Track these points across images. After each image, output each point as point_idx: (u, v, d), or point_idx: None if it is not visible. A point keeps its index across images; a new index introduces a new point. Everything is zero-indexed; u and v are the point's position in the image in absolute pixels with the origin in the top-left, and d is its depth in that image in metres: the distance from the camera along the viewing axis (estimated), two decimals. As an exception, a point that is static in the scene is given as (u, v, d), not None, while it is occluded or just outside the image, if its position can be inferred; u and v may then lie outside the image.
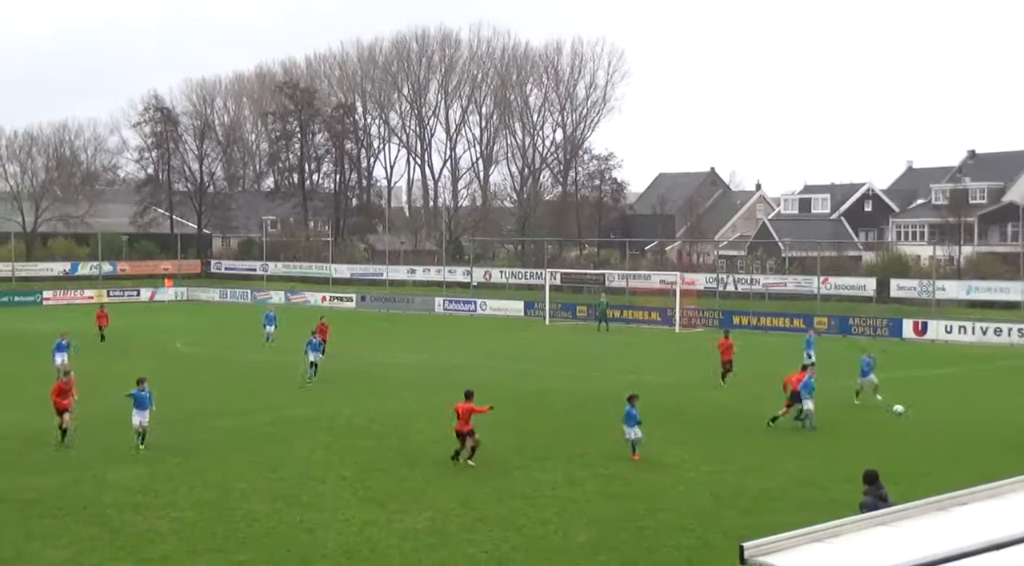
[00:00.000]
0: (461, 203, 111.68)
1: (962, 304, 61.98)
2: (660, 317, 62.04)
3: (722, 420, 30.19)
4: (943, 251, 74.82)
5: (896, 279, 65.77)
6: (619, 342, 53.40)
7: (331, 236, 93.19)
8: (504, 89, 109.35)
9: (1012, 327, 52.35)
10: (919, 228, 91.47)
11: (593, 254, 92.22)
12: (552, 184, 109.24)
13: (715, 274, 73.14)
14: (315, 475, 22.95)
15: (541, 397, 34.41)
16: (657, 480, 22.63)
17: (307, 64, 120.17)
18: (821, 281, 66.04)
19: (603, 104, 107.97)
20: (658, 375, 40.21)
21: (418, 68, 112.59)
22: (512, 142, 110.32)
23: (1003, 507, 9.09)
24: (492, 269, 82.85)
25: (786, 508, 20.07)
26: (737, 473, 23.35)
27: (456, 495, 21.19)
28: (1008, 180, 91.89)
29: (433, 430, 28.08)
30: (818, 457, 25.11)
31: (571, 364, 43.69)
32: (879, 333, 55.02)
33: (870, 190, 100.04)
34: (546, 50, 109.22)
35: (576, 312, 65.67)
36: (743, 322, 59.62)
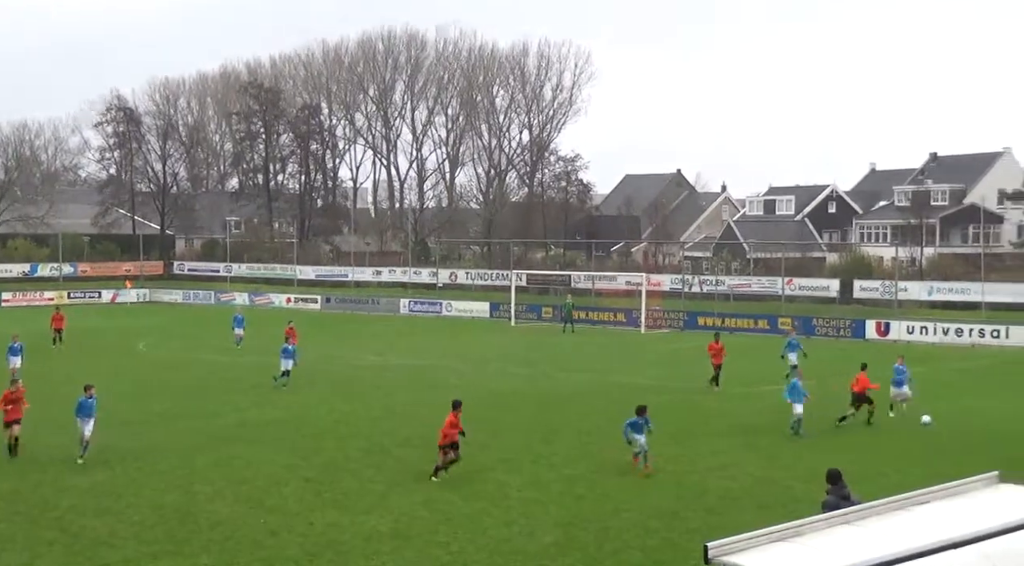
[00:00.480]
0: (427, 204, 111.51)
1: (924, 305, 62.51)
2: (626, 318, 62.17)
3: (687, 420, 30.26)
4: (905, 252, 75.46)
5: (859, 280, 66.24)
6: (585, 343, 53.45)
7: (296, 237, 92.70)
8: (470, 90, 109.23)
9: (973, 328, 52.86)
10: (882, 229, 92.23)
11: (559, 255, 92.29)
12: (518, 185, 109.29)
13: (680, 275, 73.34)
14: (279, 477, 22.80)
15: (506, 398, 34.38)
16: (622, 481, 22.65)
17: (272, 64, 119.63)
18: (785, 282, 66.41)
19: (569, 106, 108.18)
20: (623, 376, 40.28)
21: (384, 69, 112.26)
22: (478, 143, 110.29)
23: (962, 506, 9.15)
24: (458, 270, 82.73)
25: (750, 508, 20.14)
26: (701, 473, 23.42)
27: (421, 497, 21.12)
28: (969, 182, 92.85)
29: (398, 432, 28.02)
30: (781, 457, 25.23)
31: (537, 365, 43.68)
32: (842, 334, 55.39)
33: (834, 192, 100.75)
34: (512, 51, 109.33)
35: (542, 313, 65.67)
36: (708, 323, 59.79)
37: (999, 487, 9.80)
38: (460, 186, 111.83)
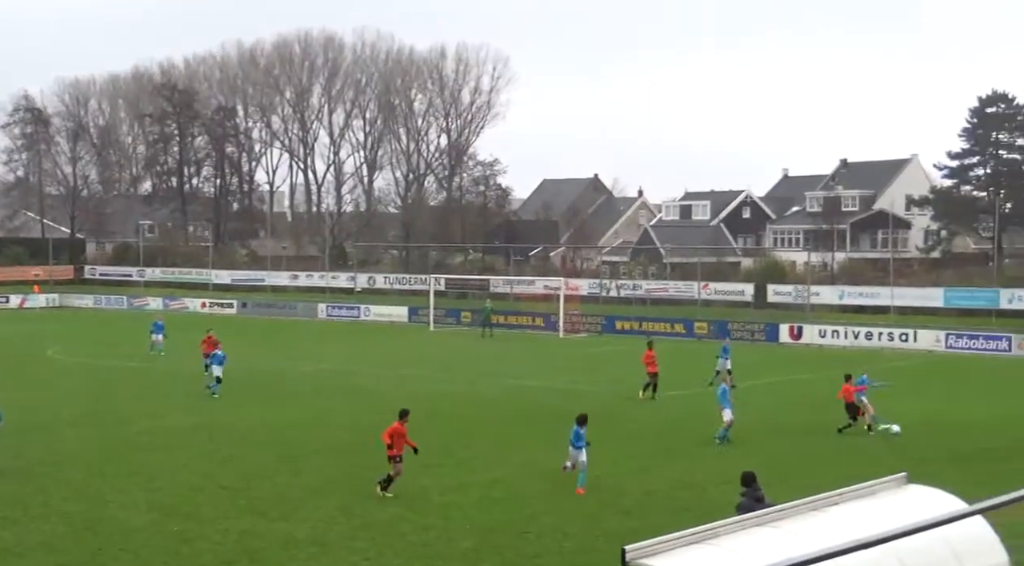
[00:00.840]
0: (345, 208, 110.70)
1: (835, 309, 63.71)
2: (544, 322, 62.38)
3: (604, 424, 30.43)
4: (817, 257, 76.85)
5: (773, 284, 67.30)
6: (503, 348, 53.53)
7: (211, 241, 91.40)
8: (388, 94, 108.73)
9: (882, 331, 54.02)
10: (795, 235, 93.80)
11: (478, 260, 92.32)
12: (437, 190, 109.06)
13: (598, 280, 73.84)
14: (194, 484, 22.45)
15: (425, 403, 34.20)
16: (540, 485, 22.71)
17: (186, 66, 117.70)
18: (701, 286, 67.21)
19: (488, 110, 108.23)
20: (542, 380, 40.42)
21: (301, 71, 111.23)
22: (397, 147, 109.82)
23: (872, 506, 9.35)
24: (376, 275, 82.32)
25: (667, 510, 20.33)
26: (619, 476, 23.57)
27: (338, 503, 20.95)
28: (878, 188, 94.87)
29: (315, 438, 27.78)
30: (698, 460, 25.51)
31: (455, 370, 43.63)
32: (756, 338, 56.22)
33: (748, 197, 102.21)
34: (430, 55, 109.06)
35: (460, 318, 65.63)
36: (625, 327, 60.34)
37: (907, 487, 10.04)
38: (378, 190, 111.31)
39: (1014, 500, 6.63)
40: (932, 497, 9.82)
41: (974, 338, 51.87)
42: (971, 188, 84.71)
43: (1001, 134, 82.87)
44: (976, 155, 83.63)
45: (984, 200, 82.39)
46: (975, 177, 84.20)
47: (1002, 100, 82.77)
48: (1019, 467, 23.22)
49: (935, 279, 67.07)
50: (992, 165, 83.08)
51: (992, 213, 77.07)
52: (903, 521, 6.63)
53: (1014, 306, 57.89)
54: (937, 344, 51.97)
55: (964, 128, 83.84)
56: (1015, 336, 50.91)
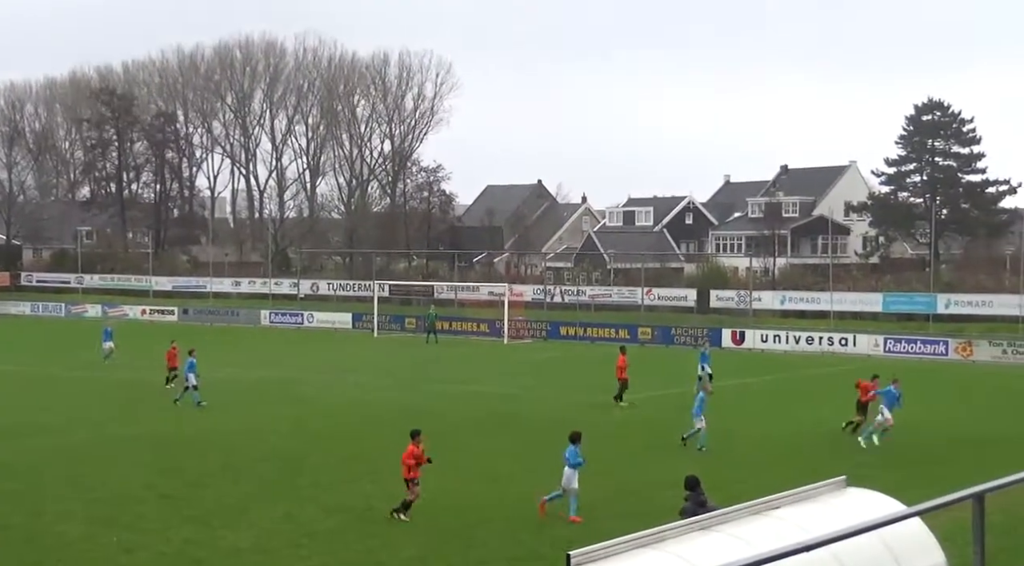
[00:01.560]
0: (288, 214, 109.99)
1: (776, 314, 64.43)
2: (489, 329, 62.42)
3: (551, 430, 30.49)
4: (759, 263, 77.69)
5: (715, 290, 67.88)
6: (448, 353, 53.48)
7: (151, 247, 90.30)
8: (331, 99, 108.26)
9: (823, 336, 54.72)
10: (737, 240, 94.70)
11: (422, 266, 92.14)
12: (380, 196, 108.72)
13: (542, 286, 74.05)
14: (135, 494, 22.16)
15: (370, 409, 34.15)
16: (487, 491, 22.72)
17: (125, 70, 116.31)
18: (645, 292, 67.62)
19: (431, 116, 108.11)
20: (487, 386, 40.44)
21: (242, 77, 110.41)
22: (339, 153, 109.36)
23: (813, 510, 9.48)
24: (320, 281, 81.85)
25: (613, 516, 20.41)
26: (564, 482, 23.61)
27: (282, 511, 20.80)
28: (818, 194, 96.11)
29: (259, 446, 27.55)
30: (643, 465, 25.66)
31: (400, 376, 43.51)
32: (699, 343, 56.58)
33: (691, 203, 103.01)
34: (373, 61, 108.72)
35: (405, 324, 65.47)
36: (569, 333, 60.56)
37: (847, 491, 10.19)
38: (321, 196, 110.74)
39: (950, 502, 6.76)
40: (871, 500, 9.98)
41: (912, 342, 52.73)
42: (908, 195, 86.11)
43: (937, 141, 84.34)
44: (913, 162, 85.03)
45: (921, 206, 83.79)
46: (912, 184, 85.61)
47: (937, 108, 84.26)
48: (955, 469, 23.64)
49: (874, 284, 68.08)
50: (928, 172, 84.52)
51: (928, 219, 78.38)
52: (843, 524, 6.75)
53: (950, 311, 58.93)
54: (876, 348, 52.74)
55: (901, 135, 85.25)
56: (952, 340, 51.83)
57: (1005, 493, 7.47)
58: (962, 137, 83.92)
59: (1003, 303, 57.97)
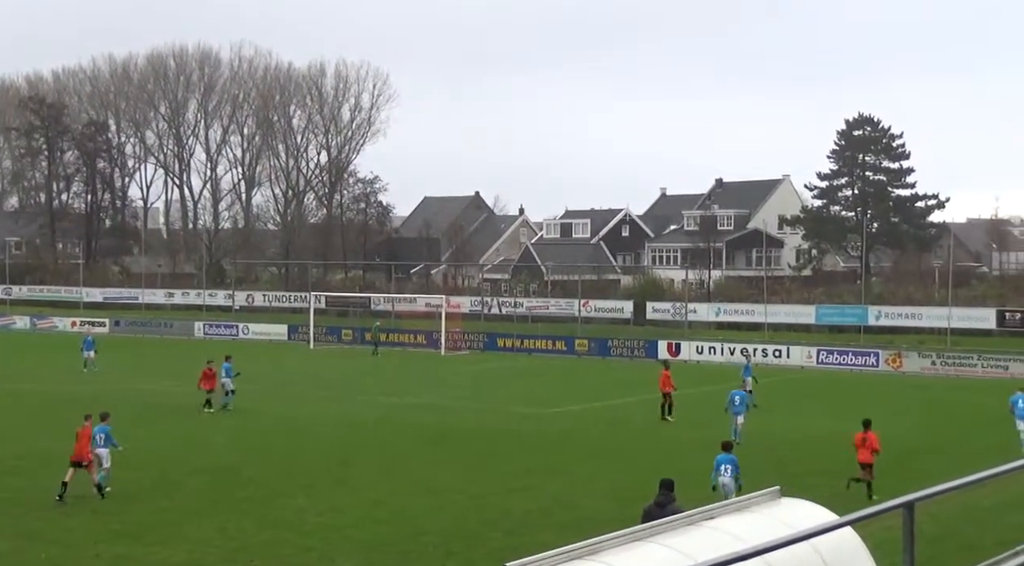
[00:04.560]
0: (222, 225, 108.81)
1: (712, 326, 65.00)
2: (426, 340, 62.24)
3: (487, 442, 30.51)
4: (695, 275, 78.36)
5: (652, 302, 68.31)
6: (385, 366, 53.23)
7: (82, 259, 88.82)
8: (266, 110, 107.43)
9: (757, 347, 55.27)
10: (673, 252, 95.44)
11: (358, 277, 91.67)
12: (317, 207, 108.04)
13: (480, 297, 74.02)
14: (64, 509, 21.74)
15: (304, 422, 33.87)
16: (423, 504, 22.61)
17: (55, 79, 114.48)
18: (582, 304, 67.87)
19: (368, 127, 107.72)
20: (423, 397, 40.30)
21: (176, 86, 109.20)
22: (275, 164, 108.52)
23: (748, 520, 9.56)
24: (255, 292, 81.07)
25: (550, 528, 20.42)
26: (502, 495, 23.60)
27: (216, 524, 20.54)
28: (753, 208, 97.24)
29: (193, 459, 27.18)
30: (580, 477, 25.71)
31: (336, 388, 43.21)
32: (636, 354, 56.98)
33: (627, 216, 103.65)
34: (309, 71, 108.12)
35: (341, 336, 65.08)
36: (507, 344, 60.58)
37: (780, 501, 10.28)
38: (257, 207, 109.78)
39: (881, 511, 6.86)
40: (804, 510, 10.08)
41: (844, 354, 53.46)
42: (840, 208, 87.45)
43: (867, 156, 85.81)
44: (844, 176, 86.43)
45: (852, 220, 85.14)
46: (843, 198, 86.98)
47: (868, 123, 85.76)
48: (885, 479, 23.97)
49: (807, 297, 68.96)
50: (859, 186, 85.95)
51: (860, 232, 79.66)
52: (777, 533, 6.81)
53: (881, 323, 59.90)
54: (809, 360, 53.40)
55: (833, 150, 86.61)
56: (882, 352, 52.64)
57: (935, 502, 7.60)
58: (892, 152, 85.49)
59: (931, 315, 59.04)
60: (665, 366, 36.52)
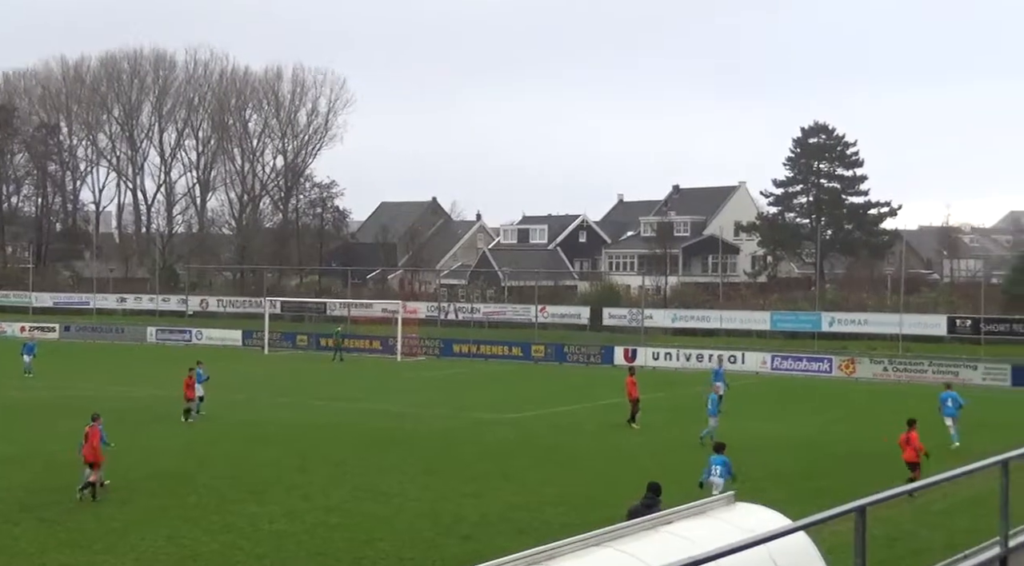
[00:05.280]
0: (176, 229, 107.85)
1: (668, 331, 65.25)
2: (382, 346, 62.01)
3: (441, 448, 30.38)
4: (651, 281, 78.68)
5: (609, 308, 68.51)
6: (340, 371, 52.93)
7: (32, 263, 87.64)
8: (222, 113, 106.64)
9: (712, 353, 55.51)
10: (629, 259, 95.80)
11: (314, 282, 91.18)
12: (273, 211, 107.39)
13: (436, 303, 73.88)
14: (9, 517, 21.34)
15: (258, 428, 33.56)
16: (377, 510, 22.44)
17: (5, 80, 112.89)
18: (539, 310, 67.92)
19: (325, 132, 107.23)
20: (378, 403, 40.10)
21: (130, 89, 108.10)
22: (231, 168, 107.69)
23: (703, 525, 9.53)
24: (209, 297, 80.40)
25: (505, 533, 20.34)
26: (456, 500, 23.48)
27: (166, 532, 20.24)
28: (709, 214, 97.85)
29: (144, 466, 26.81)
30: (535, 482, 25.64)
31: (290, 393, 42.88)
32: (592, 360, 57.06)
33: (584, 222, 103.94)
34: (266, 75, 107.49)
35: (296, 341, 64.68)
36: (463, 350, 60.47)
37: (735, 506, 10.27)
38: (211, 211, 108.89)
39: (834, 515, 6.85)
40: (758, 514, 10.07)
41: (798, 360, 53.84)
42: (795, 215, 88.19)
43: (822, 164, 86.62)
44: (799, 184, 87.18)
45: (807, 227, 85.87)
46: (799, 205, 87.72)
47: (823, 131, 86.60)
48: (837, 483, 24.14)
49: (762, 303, 69.46)
50: (814, 193, 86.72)
51: (814, 239, 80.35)
52: (732, 538, 6.78)
53: (834, 329, 60.41)
54: (764, 366, 53.72)
55: (788, 157, 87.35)
56: (835, 357, 53.09)
57: (886, 506, 7.60)
58: (846, 160, 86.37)
59: (884, 321, 59.62)
60: (631, 372, 36.37)
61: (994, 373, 48.67)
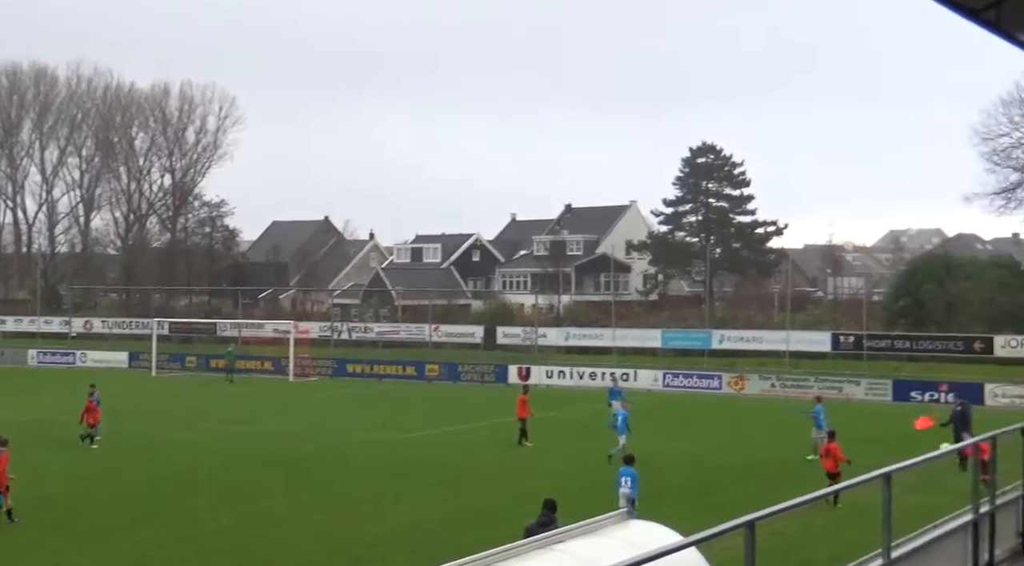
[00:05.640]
0: (59, 249, 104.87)
1: (561, 350, 65.65)
2: (274, 366, 61.18)
3: (335, 468, 30.08)
4: (544, 300, 79.14)
5: (502, 326, 68.70)
6: (231, 392, 52.06)
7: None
8: (107, 131, 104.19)
9: (605, 371, 56.02)
10: (523, 277, 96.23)
11: (204, 303, 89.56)
12: (160, 231, 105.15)
13: (329, 322, 73.18)
14: None
15: (146, 451, 32.80)
16: (268, 533, 22.10)
17: None
18: (432, 329, 67.78)
19: (214, 150, 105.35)
20: (270, 425, 39.54)
21: (9, 105, 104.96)
22: (116, 186, 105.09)
23: (597, 543, 9.60)
24: (94, 319, 78.41)
25: (398, 554, 20.22)
26: (349, 522, 23.26)
27: (50, 561, 19.66)
28: (600, 233, 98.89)
29: (27, 492, 25.91)
30: (428, 502, 25.55)
31: (179, 416, 42.01)
32: (486, 379, 57.11)
33: (478, 241, 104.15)
34: (152, 92, 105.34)
35: (185, 362, 63.46)
36: (357, 370, 60.03)
37: (628, 523, 10.38)
38: (96, 230, 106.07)
39: (725, 530, 6.97)
40: (651, 531, 10.19)
41: (689, 377, 54.68)
42: (685, 234, 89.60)
43: (710, 183, 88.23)
44: (688, 203, 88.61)
45: (696, 245, 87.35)
46: (688, 223, 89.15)
47: (711, 151, 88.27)
48: (727, 499, 24.55)
49: (653, 321, 70.36)
50: (703, 212, 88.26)
51: (704, 258, 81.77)
52: (624, 555, 6.85)
53: (724, 346, 61.52)
54: (655, 383, 54.42)
55: (677, 177, 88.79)
56: (725, 374, 54.06)
57: (776, 520, 7.76)
58: (733, 179, 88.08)
59: (771, 339, 60.92)
60: (524, 391, 36.36)
61: (876, 388, 50.08)
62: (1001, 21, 8.62)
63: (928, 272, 64.26)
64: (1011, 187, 69.02)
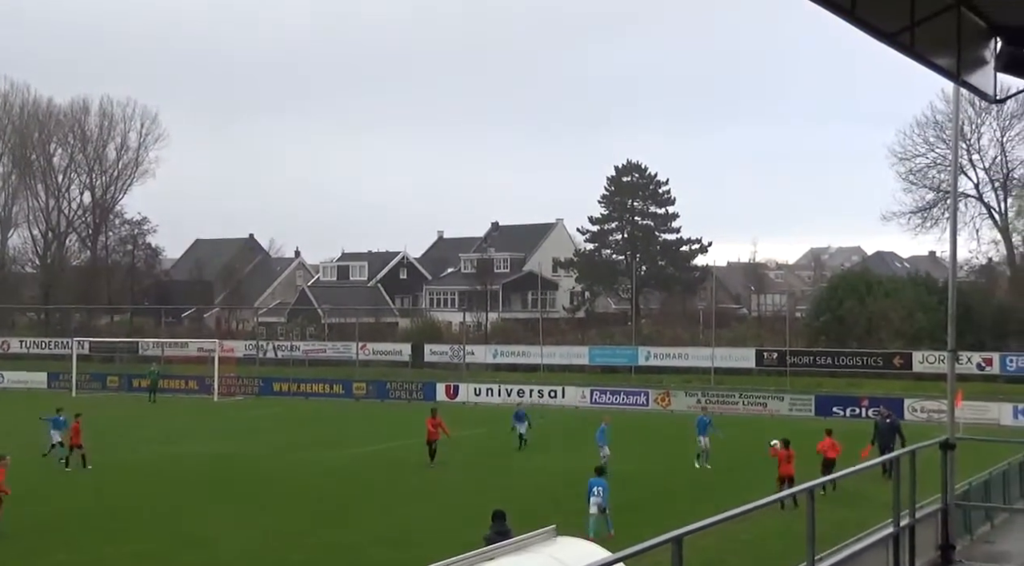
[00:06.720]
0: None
1: (489, 367, 65.66)
2: (198, 385, 60.35)
3: (261, 489, 29.74)
4: (472, 317, 79.13)
5: (430, 344, 68.56)
6: (154, 413, 51.23)
7: None
8: (24, 147, 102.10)
9: (533, 388, 56.21)
10: (450, 295, 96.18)
11: (126, 322, 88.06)
12: (80, 249, 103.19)
13: (255, 341, 72.45)
14: None
15: (67, 474, 32.13)
16: (192, 557, 21.78)
17: None
18: (359, 347, 67.40)
19: (135, 167, 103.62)
20: (194, 445, 38.97)
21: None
22: (34, 204, 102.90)
23: (526, 560, 9.64)
24: (11, 339, 76.71)
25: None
26: (277, 543, 23.02)
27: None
28: (528, 251, 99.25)
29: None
30: (357, 521, 25.38)
31: (101, 437, 41.14)
32: (415, 397, 56.92)
33: (405, 258, 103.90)
34: (72, 108, 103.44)
35: (107, 382, 62.36)
36: (283, 388, 59.49)
37: (557, 540, 10.44)
38: (13, 249, 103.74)
39: (652, 546, 7.05)
40: (578, 548, 10.26)
41: (616, 393, 55.02)
42: (611, 252, 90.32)
43: (636, 201, 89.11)
44: (614, 221, 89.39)
45: (622, 263, 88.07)
46: (614, 241, 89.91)
47: (636, 170, 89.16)
48: (653, 516, 24.75)
49: (580, 338, 70.69)
50: (628, 230, 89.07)
51: (630, 275, 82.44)
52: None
53: (650, 363, 62.01)
54: (583, 400, 54.67)
55: (603, 195, 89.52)
56: (652, 391, 54.48)
57: (701, 535, 7.86)
58: (658, 198, 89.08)
59: (697, 355, 61.54)
60: (432, 414, 35.43)
61: (799, 403, 50.81)
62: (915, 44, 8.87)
63: (848, 289, 65.38)
64: (927, 206, 70.64)
